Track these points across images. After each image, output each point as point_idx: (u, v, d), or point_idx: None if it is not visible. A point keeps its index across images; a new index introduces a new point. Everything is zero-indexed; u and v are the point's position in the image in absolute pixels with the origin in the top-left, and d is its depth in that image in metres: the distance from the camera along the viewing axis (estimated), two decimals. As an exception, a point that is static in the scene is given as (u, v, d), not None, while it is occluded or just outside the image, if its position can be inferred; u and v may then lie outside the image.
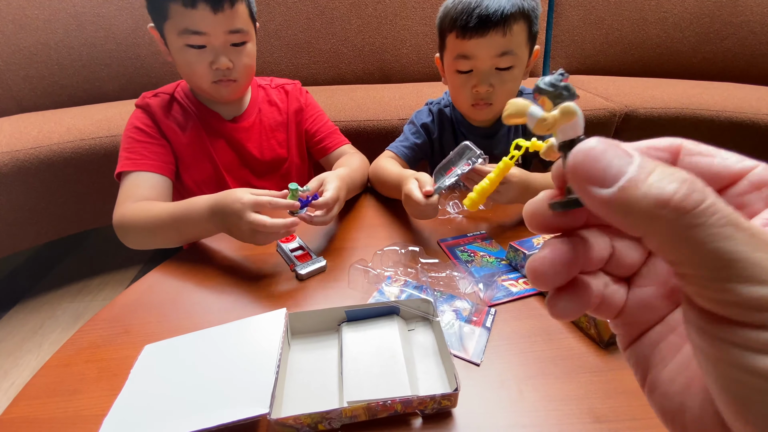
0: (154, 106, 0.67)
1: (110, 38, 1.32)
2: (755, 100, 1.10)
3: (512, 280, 0.49)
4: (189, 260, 0.55)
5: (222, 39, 0.61)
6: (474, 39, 0.59)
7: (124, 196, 0.62)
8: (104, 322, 0.45)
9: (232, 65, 0.63)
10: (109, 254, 1.35)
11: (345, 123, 1.04)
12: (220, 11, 0.59)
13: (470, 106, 0.66)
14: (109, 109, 1.19)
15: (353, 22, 1.37)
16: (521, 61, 0.63)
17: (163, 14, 0.60)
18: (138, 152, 0.65)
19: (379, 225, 0.63)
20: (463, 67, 0.62)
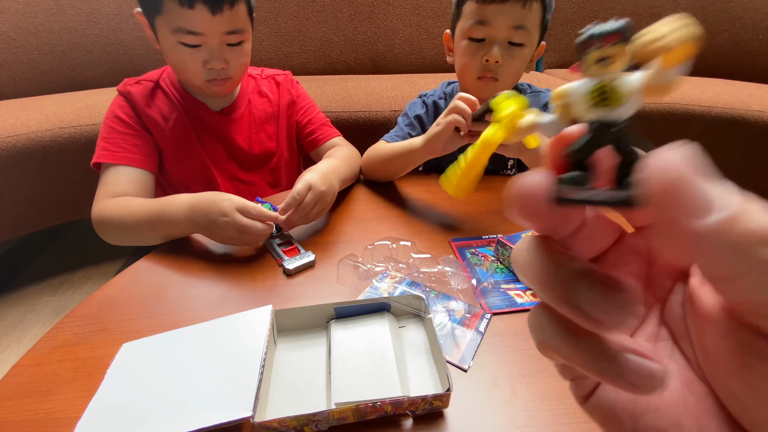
0: (135, 95, 0.64)
1: (92, 23, 1.27)
2: (746, 96, 1.10)
3: (519, 290, 0.47)
4: (172, 253, 0.53)
5: (218, 39, 0.59)
6: (494, 5, 0.59)
7: (103, 192, 0.60)
8: (81, 319, 0.42)
9: (227, 65, 0.61)
10: (92, 246, 1.31)
11: (336, 114, 1.02)
12: (219, 13, 0.56)
13: (476, 79, 0.64)
14: (91, 96, 1.15)
15: (345, 10, 1.34)
16: (532, 42, 0.62)
17: (155, 7, 0.56)
18: (117, 144, 0.62)
19: (370, 218, 0.61)
20: (478, 34, 0.62)
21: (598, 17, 1.41)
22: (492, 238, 0.56)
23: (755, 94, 1.11)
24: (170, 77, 0.67)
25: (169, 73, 0.68)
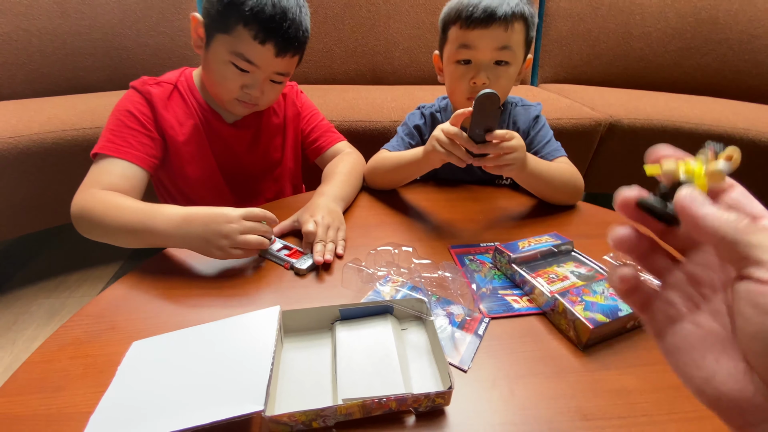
0: (155, 96, 0.63)
1: (96, 27, 1.28)
2: (732, 114, 1.15)
3: (516, 296, 0.48)
4: (179, 257, 0.54)
5: (267, 74, 0.62)
6: (478, 30, 0.62)
7: (91, 181, 0.58)
8: (90, 318, 0.43)
9: (261, 95, 0.63)
10: (89, 249, 1.31)
11: (337, 123, 1.04)
12: (282, 56, 0.60)
13: (466, 99, 0.67)
14: (93, 99, 1.16)
15: (346, 23, 1.37)
16: (517, 61, 0.65)
17: (224, 28, 0.58)
18: (124, 138, 0.61)
19: (373, 225, 0.63)
20: (463, 57, 0.64)
21: (590, 36, 1.46)
22: (490, 245, 0.57)
23: (741, 112, 1.16)
24: (188, 82, 0.68)
25: (187, 78, 0.68)
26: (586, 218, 0.67)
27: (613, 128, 1.13)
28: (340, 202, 0.63)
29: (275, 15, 0.57)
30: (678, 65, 1.46)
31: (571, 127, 1.08)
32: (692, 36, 1.43)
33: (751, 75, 1.43)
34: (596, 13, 1.45)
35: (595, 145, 1.15)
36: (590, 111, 1.14)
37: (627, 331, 0.43)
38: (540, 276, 0.48)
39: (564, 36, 1.47)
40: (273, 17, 0.57)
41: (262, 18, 0.56)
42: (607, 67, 1.49)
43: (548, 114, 1.08)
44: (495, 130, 0.53)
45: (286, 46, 0.59)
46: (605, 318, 0.40)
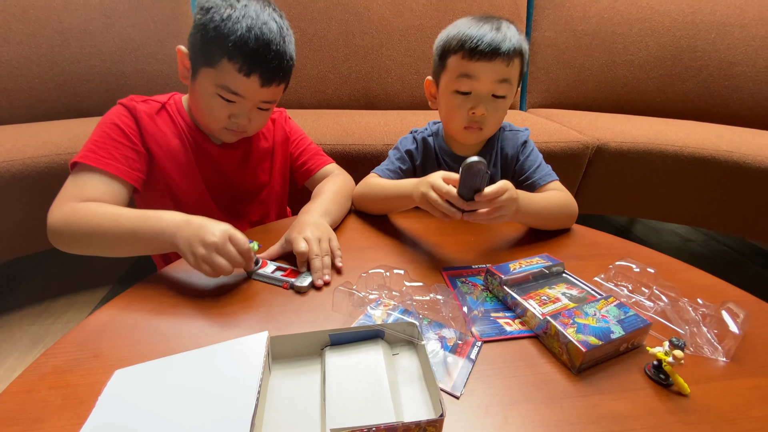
0: (141, 112, 0.64)
1: (95, 55, 1.31)
2: (715, 137, 1.18)
3: (508, 319, 0.48)
4: (165, 282, 0.53)
5: (254, 103, 0.63)
6: (481, 62, 0.62)
7: (71, 193, 0.56)
8: (72, 345, 0.42)
9: (249, 123, 0.64)
10: (75, 274, 1.28)
11: (330, 146, 1.06)
12: (267, 86, 0.60)
13: (463, 128, 0.68)
14: (89, 124, 1.16)
15: (341, 51, 1.41)
16: (512, 94, 0.67)
17: (209, 61, 0.59)
18: (107, 150, 0.60)
19: (364, 248, 0.63)
20: (464, 88, 0.65)
21: (575, 63, 1.51)
22: (482, 267, 0.57)
23: (724, 135, 1.19)
24: (177, 104, 0.69)
25: (176, 101, 0.69)
26: (578, 240, 0.67)
27: (601, 151, 1.16)
28: (326, 216, 0.63)
29: (258, 48, 0.57)
30: (661, 91, 1.51)
31: (560, 150, 1.11)
32: (673, 63, 1.49)
33: (732, 99, 1.48)
34: (580, 42, 1.51)
35: (584, 167, 1.18)
36: (578, 134, 1.16)
37: (621, 354, 0.43)
38: (531, 298, 0.48)
39: (550, 64, 1.53)
40: (256, 50, 0.57)
41: (246, 51, 0.57)
42: (593, 93, 1.54)
43: (537, 137, 1.11)
44: (483, 191, 0.52)
45: (271, 76, 0.60)
46: (598, 341, 0.40)
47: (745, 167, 1.09)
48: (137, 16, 1.33)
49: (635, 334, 0.42)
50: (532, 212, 0.62)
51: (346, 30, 1.41)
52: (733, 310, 0.46)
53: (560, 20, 1.52)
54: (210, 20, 0.57)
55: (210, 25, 0.57)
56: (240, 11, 0.57)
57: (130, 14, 1.33)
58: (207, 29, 0.58)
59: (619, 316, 0.43)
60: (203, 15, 0.58)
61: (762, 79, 1.45)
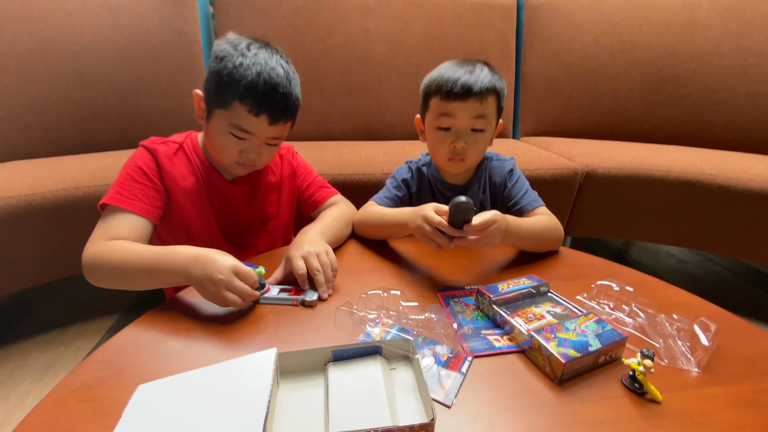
0: (161, 154, 0.70)
1: (112, 94, 1.40)
2: (699, 161, 1.24)
3: (497, 336, 0.52)
4: (178, 307, 0.57)
5: (263, 139, 0.69)
6: (456, 102, 0.70)
7: (101, 233, 0.63)
8: (98, 364, 0.46)
9: (258, 158, 0.70)
10: (85, 302, 1.32)
11: (333, 176, 1.12)
12: (275, 124, 0.67)
13: (447, 160, 0.75)
14: (104, 158, 1.24)
15: (343, 87, 1.51)
16: (491, 127, 0.74)
17: (223, 104, 0.65)
18: (131, 191, 0.66)
19: (364, 271, 0.67)
20: (444, 124, 0.72)
21: (563, 94, 1.60)
22: (473, 288, 0.62)
23: (708, 160, 1.25)
24: (192, 143, 0.75)
25: (192, 140, 0.76)
26: (564, 262, 0.71)
27: (590, 177, 1.22)
28: (323, 236, 0.68)
29: (266, 91, 0.64)
30: (646, 118, 1.59)
31: (551, 176, 1.17)
32: (657, 92, 1.58)
33: (715, 125, 1.55)
34: (567, 74, 1.60)
35: (575, 192, 1.23)
36: (567, 161, 1.23)
37: (600, 365, 0.46)
38: (519, 316, 0.52)
39: (539, 95, 1.62)
40: (265, 93, 0.64)
41: (256, 94, 0.64)
42: (582, 121, 1.62)
43: (529, 164, 1.17)
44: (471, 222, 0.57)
45: (278, 116, 0.67)
46: (576, 353, 0.44)
47: (729, 190, 1.14)
48: (151, 57, 1.43)
49: (612, 347, 0.46)
50: (520, 236, 0.67)
51: (347, 68, 1.51)
52: (705, 323, 0.50)
53: (547, 54, 1.62)
54: (224, 67, 0.65)
55: (224, 72, 0.65)
56: (251, 59, 0.65)
57: (145, 56, 1.43)
58: (221, 75, 0.65)
59: (597, 331, 0.47)
60: (218, 63, 0.66)
61: (743, 105, 1.52)
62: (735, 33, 1.53)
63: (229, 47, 0.65)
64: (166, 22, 1.44)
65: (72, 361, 1.05)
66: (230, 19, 1.50)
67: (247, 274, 0.54)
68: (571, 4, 1.61)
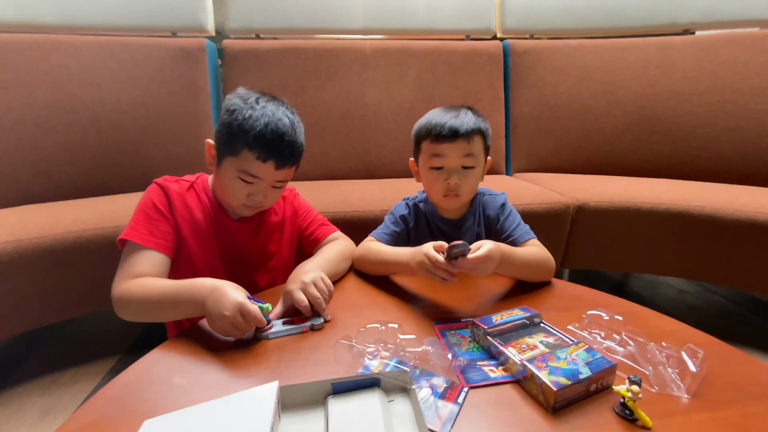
0: (172, 191, 0.76)
1: (125, 141, 1.48)
2: (687, 194, 1.28)
3: (492, 366, 0.53)
4: (183, 344, 0.59)
5: (270, 183, 0.75)
6: (446, 143, 0.76)
7: (126, 272, 0.68)
8: (104, 401, 0.48)
9: (265, 200, 0.76)
10: (85, 345, 1.32)
11: (333, 213, 1.16)
12: (281, 169, 0.73)
13: (443, 197, 0.80)
14: (114, 201, 1.29)
15: (341, 130, 1.59)
16: (480, 164, 0.80)
17: (233, 151, 0.71)
18: (148, 229, 0.72)
19: (363, 305, 0.70)
20: (436, 164, 0.78)
21: (552, 133, 1.69)
22: (468, 320, 0.64)
23: (694, 191, 1.30)
24: (203, 183, 0.81)
25: (203, 180, 0.82)
26: (557, 293, 0.74)
27: (582, 210, 1.26)
28: (319, 268, 0.71)
29: (274, 140, 0.70)
30: (633, 153, 1.66)
31: (543, 210, 1.21)
32: (641, 129, 1.66)
33: (699, 158, 1.62)
34: (554, 114, 1.69)
35: (568, 225, 1.27)
36: (559, 196, 1.27)
37: (592, 393, 0.48)
38: (512, 346, 0.54)
39: (529, 134, 1.70)
40: (272, 142, 0.70)
41: (263, 143, 0.70)
42: (571, 158, 1.69)
43: (522, 200, 1.22)
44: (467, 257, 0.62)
45: (284, 161, 0.73)
46: (568, 380, 0.46)
47: (717, 220, 1.18)
48: (163, 107, 1.53)
49: (602, 374, 0.48)
50: (513, 264, 0.71)
51: (345, 113, 1.60)
52: (693, 350, 0.52)
53: (534, 97, 1.72)
54: (234, 119, 0.71)
55: (234, 123, 0.71)
56: (259, 111, 0.71)
57: (158, 106, 1.52)
58: (232, 126, 0.71)
59: (587, 359, 0.49)
60: (229, 115, 0.72)
61: (724, 139, 1.59)
62: (709, 73, 1.63)
63: (240, 101, 0.72)
64: (178, 75, 1.55)
65: (71, 405, 1.04)
66: (237, 70, 1.61)
67: (252, 312, 0.57)
68: (554, 51, 1.74)
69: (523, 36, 1.84)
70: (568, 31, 1.83)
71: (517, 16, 1.82)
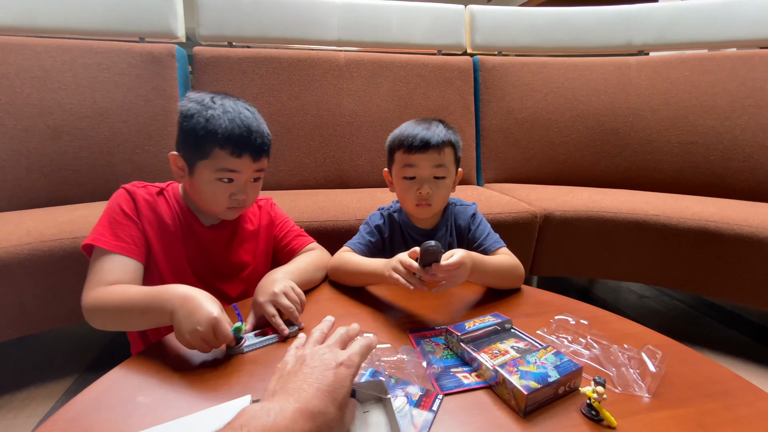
0: (139, 196, 0.74)
1: (85, 148, 1.41)
2: (644, 203, 1.36)
3: (466, 373, 0.54)
4: (148, 361, 0.57)
5: (249, 176, 0.74)
6: (417, 154, 0.78)
7: (96, 279, 0.65)
8: (63, 422, 0.45)
9: (247, 197, 0.75)
10: (39, 364, 1.23)
11: (308, 223, 1.15)
12: (257, 161, 0.73)
13: (415, 206, 0.82)
14: (73, 211, 1.22)
15: (316, 139, 1.59)
16: (451, 174, 0.82)
17: (203, 155, 0.70)
18: (115, 233, 0.69)
19: (339, 315, 0.68)
20: (409, 174, 0.80)
21: (520, 145, 1.76)
22: (442, 328, 0.65)
23: (651, 201, 1.38)
24: (173, 191, 0.79)
25: (173, 188, 0.79)
26: (526, 299, 0.76)
27: (548, 219, 1.31)
28: (289, 275, 0.70)
29: (243, 133, 0.70)
30: (595, 165, 1.75)
31: (512, 219, 1.25)
32: (601, 143, 1.75)
33: (654, 170, 1.72)
34: (522, 127, 1.76)
35: (536, 234, 1.31)
36: (527, 206, 1.32)
37: (560, 396, 0.49)
38: (485, 352, 0.55)
39: (499, 146, 1.76)
40: (242, 135, 0.70)
41: (234, 138, 0.69)
42: (538, 169, 1.76)
43: (492, 209, 1.25)
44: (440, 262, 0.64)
45: (259, 152, 0.73)
46: (537, 384, 0.47)
47: (671, 228, 1.26)
48: (128, 114, 1.47)
49: (569, 377, 0.49)
50: (485, 272, 0.73)
51: (320, 122, 1.61)
52: (652, 351, 0.55)
53: (503, 110, 1.79)
54: (197, 123, 0.69)
55: (198, 126, 0.69)
56: (219, 109, 0.70)
57: (122, 112, 1.47)
58: (196, 130, 0.69)
59: (555, 363, 0.51)
60: (188, 121, 0.70)
61: (676, 153, 1.70)
62: (661, 91, 1.75)
63: (195, 104, 0.71)
64: (145, 81, 1.51)
65: (23, 430, 0.96)
66: (208, 78, 1.58)
67: (224, 332, 0.54)
68: (521, 67, 1.82)
69: (492, 52, 1.92)
70: (533, 49, 1.92)
71: (486, 33, 1.90)
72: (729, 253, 1.20)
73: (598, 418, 0.46)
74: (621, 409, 0.47)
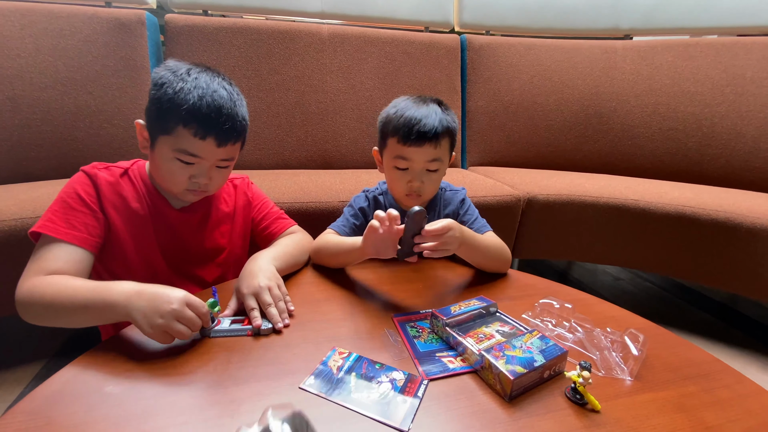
0: (101, 179, 0.67)
1: (47, 121, 1.32)
2: (624, 188, 1.38)
3: (451, 357, 0.53)
4: (118, 347, 0.53)
5: (213, 162, 0.67)
6: (412, 147, 0.73)
7: (37, 267, 0.59)
8: (23, 415, 0.42)
9: (210, 182, 0.68)
10: (8, 347, 1.18)
11: (289, 204, 1.11)
12: (223, 146, 0.65)
13: (404, 195, 0.79)
14: (36, 188, 1.14)
15: (297, 117, 1.53)
16: (445, 165, 0.79)
17: (165, 129, 0.63)
18: (67, 221, 0.62)
19: (321, 300, 0.67)
20: (401, 166, 0.76)
21: (505, 128, 1.74)
22: (427, 312, 0.63)
23: (631, 186, 1.40)
24: (139, 170, 0.72)
25: (139, 167, 0.72)
26: (511, 283, 0.76)
27: (531, 203, 1.31)
28: (274, 261, 0.67)
29: (210, 113, 0.63)
30: (578, 150, 1.76)
31: (496, 202, 1.24)
32: (585, 127, 1.76)
33: (635, 156, 1.75)
34: (507, 110, 1.75)
35: (519, 217, 1.32)
36: (511, 189, 1.32)
37: (545, 380, 0.49)
38: (470, 336, 0.55)
39: (484, 129, 1.74)
40: (209, 116, 0.63)
41: (199, 117, 0.62)
42: (522, 152, 1.76)
43: (476, 192, 1.24)
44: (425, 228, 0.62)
45: (226, 137, 0.65)
46: (523, 369, 0.47)
47: (650, 213, 1.28)
48: (95, 85, 1.38)
49: (555, 361, 0.49)
50: (474, 247, 0.72)
51: (302, 99, 1.54)
52: (634, 334, 0.55)
53: (489, 92, 1.76)
54: (164, 93, 0.63)
55: (164, 98, 0.63)
56: (191, 83, 0.63)
57: (88, 83, 1.37)
58: (161, 102, 0.63)
59: (541, 347, 0.51)
60: (157, 90, 0.64)
61: (657, 139, 1.73)
62: (645, 77, 1.76)
63: (168, 73, 0.64)
64: (112, 49, 1.40)
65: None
66: (181, 48, 1.48)
67: (199, 304, 0.52)
68: (508, 48, 1.78)
69: (479, 31, 1.87)
70: (521, 29, 1.89)
71: (474, 11, 1.85)
72: (703, 238, 1.23)
73: (582, 402, 0.46)
74: (604, 392, 0.47)
